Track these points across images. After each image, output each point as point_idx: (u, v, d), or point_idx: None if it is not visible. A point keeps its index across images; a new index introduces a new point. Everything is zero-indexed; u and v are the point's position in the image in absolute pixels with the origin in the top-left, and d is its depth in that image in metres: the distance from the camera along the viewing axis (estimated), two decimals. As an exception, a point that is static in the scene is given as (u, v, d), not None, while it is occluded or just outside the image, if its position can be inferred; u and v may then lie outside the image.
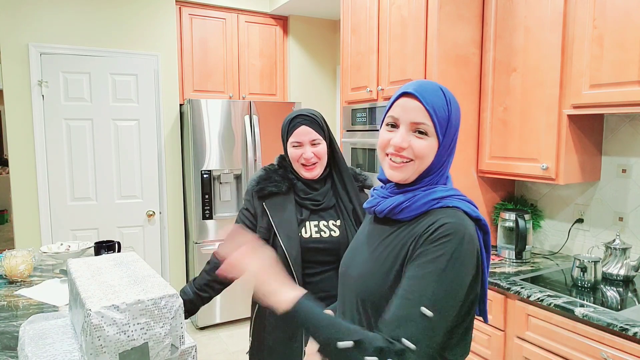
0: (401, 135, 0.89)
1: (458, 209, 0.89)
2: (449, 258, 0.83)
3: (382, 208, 0.94)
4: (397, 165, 0.91)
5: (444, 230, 0.84)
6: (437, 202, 0.90)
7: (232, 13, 3.80)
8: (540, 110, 2.05)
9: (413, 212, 0.91)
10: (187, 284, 1.45)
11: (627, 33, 1.70)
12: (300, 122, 1.43)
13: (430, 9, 2.21)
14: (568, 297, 1.71)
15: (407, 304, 0.82)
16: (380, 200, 0.95)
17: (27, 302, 1.67)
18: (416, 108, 0.88)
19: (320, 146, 1.44)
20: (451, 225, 0.85)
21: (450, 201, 0.90)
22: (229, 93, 3.84)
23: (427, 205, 0.90)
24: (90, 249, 2.14)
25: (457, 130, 0.93)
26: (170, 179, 3.62)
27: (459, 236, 0.84)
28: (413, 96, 0.89)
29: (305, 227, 1.44)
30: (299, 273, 1.40)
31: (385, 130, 0.93)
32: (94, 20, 3.26)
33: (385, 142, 0.92)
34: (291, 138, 1.44)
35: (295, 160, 1.45)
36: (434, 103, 0.88)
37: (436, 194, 0.90)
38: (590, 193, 2.21)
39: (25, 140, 3.11)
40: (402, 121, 0.90)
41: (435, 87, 0.91)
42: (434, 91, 0.90)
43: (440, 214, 0.88)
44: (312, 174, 1.45)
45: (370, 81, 2.64)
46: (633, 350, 1.44)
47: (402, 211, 0.91)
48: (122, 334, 0.92)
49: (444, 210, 0.89)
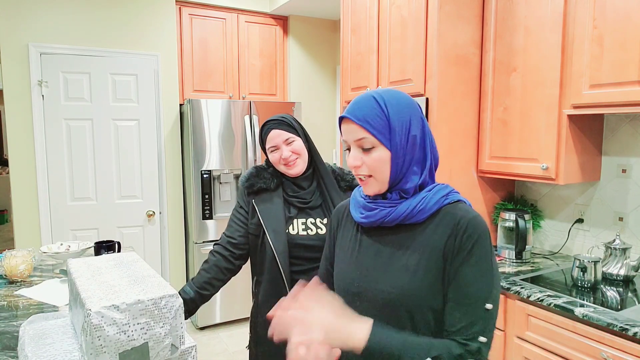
0: (352, 156, 0.96)
1: (463, 203, 0.97)
2: (490, 251, 0.91)
3: (397, 215, 0.94)
4: (364, 182, 0.97)
5: (476, 227, 0.91)
6: (445, 198, 0.95)
7: (232, 13, 3.80)
8: (540, 110, 2.05)
9: (428, 212, 0.94)
10: (187, 283, 1.46)
11: (627, 33, 1.70)
12: (269, 127, 1.50)
13: (430, 9, 2.21)
14: (568, 297, 1.71)
15: (475, 306, 0.88)
16: (390, 210, 0.95)
17: (27, 302, 1.67)
18: (353, 128, 0.93)
19: (295, 143, 1.48)
20: (477, 220, 0.92)
21: (454, 196, 0.96)
22: (229, 93, 3.84)
23: (438, 204, 0.94)
24: (90, 249, 2.14)
25: (409, 127, 0.93)
26: (170, 179, 3.62)
27: (485, 228, 0.92)
28: (347, 119, 0.95)
29: (292, 224, 1.48)
30: (287, 269, 1.43)
31: (347, 154, 0.99)
32: (94, 20, 3.26)
33: (349, 164, 0.98)
34: (267, 144, 1.51)
35: (277, 164, 1.50)
36: (365, 116, 0.92)
37: (441, 192, 0.96)
38: (590, 193, 2.21)
39: (25, 140, 3.11)
40: (349, 142, 0.96)
41: (366, 99, 0.94)
42: (365, 104, 0.93)
43: (457, 210, 0.94)
44: (295, 170, 1.48)
45: (370, 81, 2.64)
46: (633, 351, 1.44)
47: (418, 213, 0.94)
48: (122, 334, 0.92)
49: (455, 205, 0.95)
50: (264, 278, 1.47)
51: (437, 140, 2.23)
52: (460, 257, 0.90)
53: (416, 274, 0.92)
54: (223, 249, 1.50)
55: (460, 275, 0.90)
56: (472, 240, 0.89)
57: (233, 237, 1.51)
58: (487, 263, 0.90)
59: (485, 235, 0.91)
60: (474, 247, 0.89)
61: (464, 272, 0.89)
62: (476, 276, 0.89)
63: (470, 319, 0.88)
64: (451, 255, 0.91)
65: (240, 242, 1.50)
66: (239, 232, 1.51)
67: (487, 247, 0.90)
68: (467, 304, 0.88)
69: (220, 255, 1.49)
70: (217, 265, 1.47)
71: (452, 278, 0.90)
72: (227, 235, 1.52)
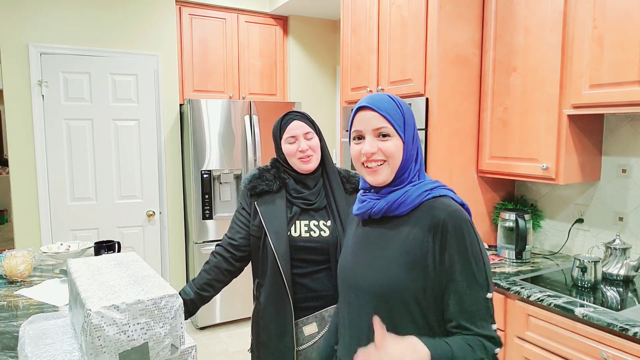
0: (369, 143, 1.01)
1: (447, 197, 1.00)
2: (474, 240, 0.94)
3: (380, 208, 1.01)
4: (374, 170, 1.01)
5: (456, 221, 0.93)
6: (428, 193, 0.99)
7: (232, 13, 3.81)
8: (540, 111, 2.05)
9: (409, 206, 0.99)
10: (187, 284, 1.46)
11: (627, 33, 1.70)
12: (292, 117, 1.48)
13: (430, 9, 2.21)
14: (568, 297, 1.71)
15: (477, 298, 0.92)
16: (375, 203, 1.02)
17: (27, 302, 1.67)
18: (373, 116, 1.00)
19: (313, 140, 1.48)
20: (456, 215, 0.94)
21: (438, 191, 1.00)
22: (229, 93, 3.84)
23: (420, 197, 0.98)
24: (90, 249, 2.14)
25: (415, 127, 1.04)
26: (170, 179, 3.62)
27: (464, 219, 0.95)
28: (368, 108, 1.01)
29: (295, 226, 1.46)
30: (288, 271, 1.41)
31: (354, 144, 1.04)
32: (94, 20, 3.26)
33: (357, 153, 1.03)
34: (285, 134, 1.47)
35: (291, 156, 1.47)
36: (386, 108, 1.00)
37: (425, 187, 1.00)
38: (590, 193, 2.21)
39: (25, 140, 3.11)
40: (365, 131, 1.02)
41: (382, 96, 1.04)
42: (383, 99, 1.02)
43: (438, 204, 0.97)
44: (308, 166, 1.47)
45: (370, 81, 2.64)
46: (633, 350, 1.44)
47: (399, 206, 0.99)
48: (122, 334, 0.92)
49: (438, 199, 0.98)
50: (266, 281, 1.45)
51: (437, 140, 2.23)
52: (448, 254, 0.93)
53: (397, 267, 0.96)
54: (224, 250, 1.49)
55: (452, 271, 0.93)
56: (453, 236, 0.93)
57: (234, 238, 1.50)
58: (476, 253, 0.93)
59: (466, 227, 0.94)
60: (459, 242, 0.93)
61: (455, 268, 0.93)
62: (469, 268, 0.92)
63: (478, 312, 0.92)
64: (437, 252, 0.94)
65: (241, 244, 1.49)
66: (240, 234, 1.50)
67: (471, 238, 0.93)
68: (469, 299, 0.92)
69: (221, 256, 1.48)
70: (218, 267, 1.46)
71: (445, 274, 0.93)
72: (229, 236, 1.51)
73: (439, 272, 0.94)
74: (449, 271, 0.93)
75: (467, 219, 0.95)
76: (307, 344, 1.43)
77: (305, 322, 1.44)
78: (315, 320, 1.44)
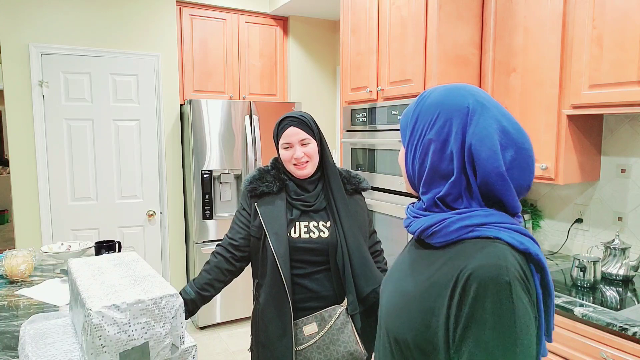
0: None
1: (498, 240, 0.72)
2: (502, 311, 0.67)
3: (414, 229, 0.82)
4: None
5: (487, 278, 0.68)
6: (472, 230, 0.74)
7: (232, 13, 3.81)
8: (539, 111, 2.05)
9: (443, 239, 0.77)
10: (188, 283, 1.47)
11: (627, 33, 1.71)
12: (288, 123, 1.47)
13: (430, 9, 2.21)
14: (567, 297, 1.71)
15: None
16: (412, 220, 0.83)
17: (28, 302, 1.67)
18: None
19: (309, 146, 1.47)
20: (494, 269, 0.68)
21: (488, 230, 0.73)
22: (229, 93, 3.85)
23: (458, 233, 0.75)
24: (90, 249, 2.15)
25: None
26: (170, 179, 3.62)
27: (490, 280, 0.68)
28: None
29: (294, 227, 1.46)
30: (287, 272, 1.42)
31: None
32: (94, 20, 3.27)
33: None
34: (281, 140, 1.48)
35: (287, 162, 1.48)
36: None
37: (472, 220, 0.75)
38: (589, 193, 2.21)
39: (26, 141, 3.12)
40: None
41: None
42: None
43: (475, 249, 0.72)
44: (303, 172, 1.47)
45: (370, 81, 2.64)
46: (633, 350, 1.45)
47: (431, 235, 0.78)
48: (122, 334, 0.92)
49: (479, 242, 0.73)
50: (265, 281, 1.46)
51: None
52: (463, 322, 0.69)
53: (412, 304, 0.77)
54: (225, 250, 1.50)
55: (468, 346, 0.68)
56: (472, 302, 0.68)
57: (234, 239, 1.51)
58: (504, 336, 0.67)
59: (489, 292, 0.67)
60: (475, 311, 0.67)
61: (469, 343, 0.68)
62: (488, 347, 0.67)
63: None
64: (452, 320, 0.70)
65: (241, 245, 1.50)
66: (240, 235, 1.51)
67: (495, 308, 0.67)
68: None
69: (222, 256, 1.49)
70: (218, 267, 1.48)
71: (455, 354, 0.70)
72: (229, 237, 1.52)
73: (449, 346, 0.71)
74: (457, 351, 0.69)
75: (505, 282, 0.67)
76: (307, 344, 1.43)
77: (305, 322, 1.44)
78: (315, 320, 1.44)
